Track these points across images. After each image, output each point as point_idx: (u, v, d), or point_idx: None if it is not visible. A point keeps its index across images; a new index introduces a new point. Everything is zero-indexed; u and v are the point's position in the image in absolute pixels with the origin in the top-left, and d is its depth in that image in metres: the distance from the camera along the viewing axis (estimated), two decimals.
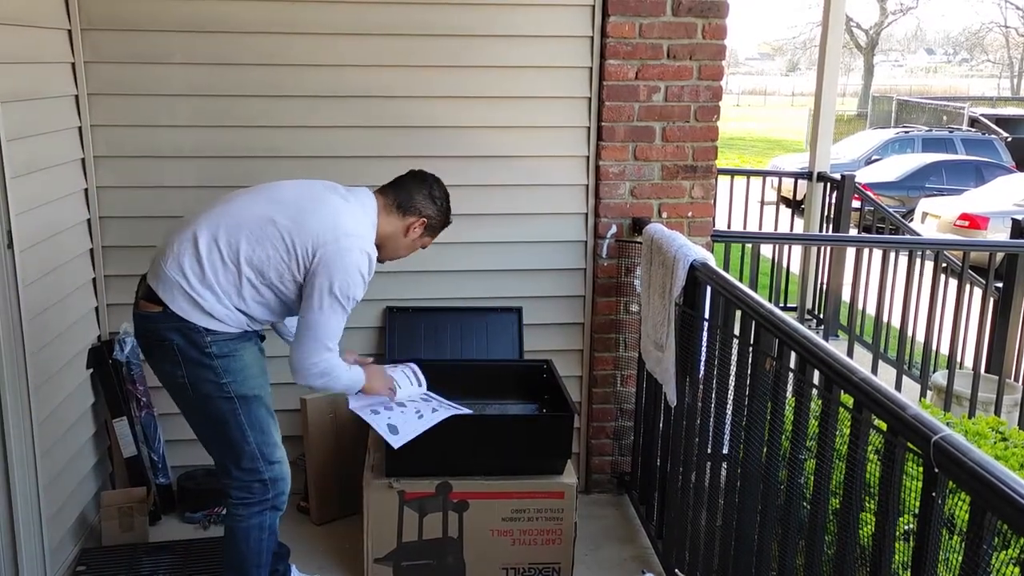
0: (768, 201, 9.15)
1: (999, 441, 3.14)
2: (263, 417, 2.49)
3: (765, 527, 2.21)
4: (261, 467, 2.49)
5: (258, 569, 2.58)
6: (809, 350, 1.97)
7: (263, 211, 2.39)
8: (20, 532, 2.66)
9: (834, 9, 5.94)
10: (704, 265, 2.71)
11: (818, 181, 6.29)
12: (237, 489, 2.52)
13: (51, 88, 2.97)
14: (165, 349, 2.39)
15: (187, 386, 2.42)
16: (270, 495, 2.53)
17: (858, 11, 55.11)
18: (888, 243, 5.88)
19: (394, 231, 2.55)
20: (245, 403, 2.44)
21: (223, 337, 2.40)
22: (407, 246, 2.62)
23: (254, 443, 2.47)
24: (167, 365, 2.42)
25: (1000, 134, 17.20)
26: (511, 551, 2.86)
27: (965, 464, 1.36)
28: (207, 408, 2.45)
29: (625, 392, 3.55)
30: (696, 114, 3.35)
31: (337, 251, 2.35)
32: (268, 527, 2.56)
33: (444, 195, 2.63)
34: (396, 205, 2.54)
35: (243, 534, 2.54)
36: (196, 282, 2.34)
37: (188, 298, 2.35)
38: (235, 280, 2.37)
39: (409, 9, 3.19)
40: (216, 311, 2.36)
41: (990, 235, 10.05)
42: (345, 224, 2.40)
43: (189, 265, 2.35)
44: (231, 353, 2.41)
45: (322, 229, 2.36)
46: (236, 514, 2.53)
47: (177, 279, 2.35)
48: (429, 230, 2.61)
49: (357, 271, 2.37)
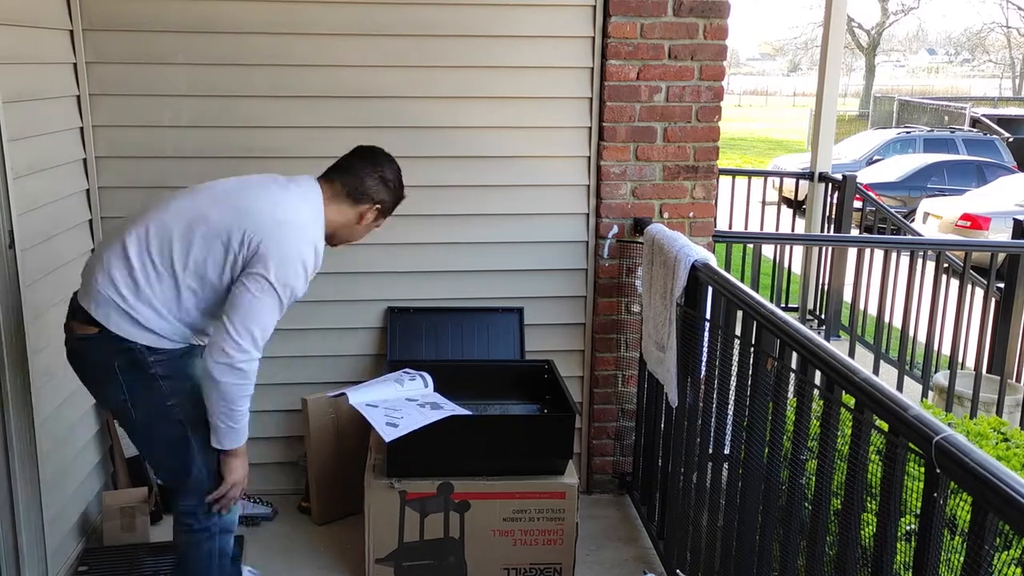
0: (769, 201, 9.14)
1: (1001, 442, 3.14)
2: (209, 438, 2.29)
3: (766, 527, 2.21)
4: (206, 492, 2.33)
5: None
6: (810, 350, 1.97)
7: (195, 210, 2.22)
8: (21, 532, 2.66)
9: (835, 9, 5.94)
10: (705, 265, 2.71)
11: (819, 181, 6.29)
12: (183, 513, 2.37)
13: (53, 88, 2.97)
14: (106, 372, 2.22)
15: (131, 410, 2.27)
16: (214, 519, 2.37)
17: (859, 11, 55.22)
18: (889, 243, 5.87)
19: (346, 220, 2.39)
20: (193, 427, 2.28)
21: (167, 356, 2.24)
22: (362, 232, 2.46)
23: (201, 466, 2.31)
24: (109, 389, 2.26)
25: (1002, 134, 17.19)
26: (512, 551, 2.86)
27: (967, 465, 1.36)
28: (152, 432, 2.30)
29: (626, 392, 3.55)
30: (697, 114, 3.35)
31: (277, 240, 2.17)
32: (219, 551, 2.41)
33: (396, 174, 2.43)
34: (346, 193, 2.36)
35: (195, 562, 2.40)
36: (131, 297, 2.17)
37: (125, 315, 2.18)
38: (173, 288, 2.19)
39: (411, 9, 3.19)
40: (156, 326, 2.20)
41: (992, 235, 10.05)
42: (285, 213, 2.23)
43: (122, 280, 2.17)
44: (176, 373, 2.26)
45: (260, 219, 2.19)
46: (184, 539, 2.40)
47: (111, 296, 2.18)
48: (383, 213, 2.44)
49: (299, 261, 2.19)
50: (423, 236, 3.35)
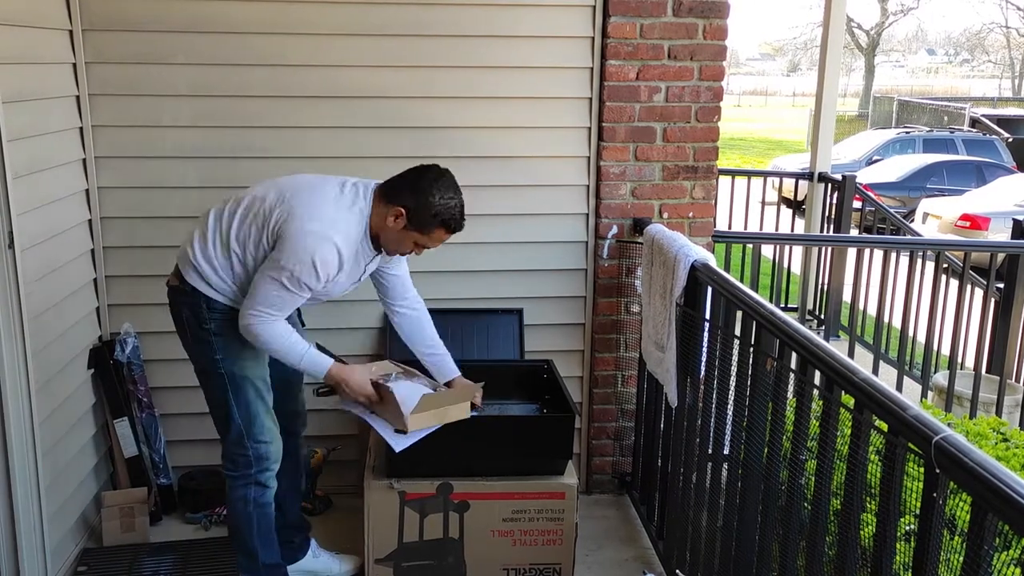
0: (769, 201, 9.14)
1: (1000, 442, 3.14)
2: (251, 398, 2.60)
3: (766, 528, 2.21)
4: (245, 443, 2.62)
5: (252, 538, 2.69)
6: (810, 351, 1.97)
7: (261, 193, 2.51)
8: (21, 532, 2.66)
9: (835, 9, 5.94)
10: (705, 265, 2.71)
11: (819, 181, 6.29)
12: (225, 458, 2.67)
13: (52, 88, 2.97)
14: (179, 320, 2.59)
15: (191, 356, 2.62)
16: (252, 470, 2.64)
17: (859, 11, 55.21)
18: (889, 243, 5.88)
19: (379, 222, 2.48)
20: (234, 381, 2.57)
21: (223, 315, 2.52)
22: (393, 239, 2.50)
23: (239, 420, 2.60)
24: (181, 335, 2.61)
25: (1001, 134, 17.19)
26: (512, 552, 2.86)
27: (966, 465, 1.36)
28: (202, 379, 2.62)
29: (626, 392, 3.55)
30: (697, 114, 3.35)
31: (300, 231, 2.37)
32: (253, 500, 2.66)
33: (436, 189, 2.44)
34: (384, 194, 2.48)
35: (232, 504, 2.70)
36: (199, 254, 2.50)
37: (194, 269, 2.51)
38: (227, 254, 2.50)
39: (410, 9, 3.19)
40: (213, 282, 2.50)
41: (991, 236, 10.05)
42: (320, 210, 2.41)
43: (198, 241, 2.52)
44: (227, 332, 2.53)
45: (297, 209, 2.41)
46: (227, 484, 2.70)
47: (188, 252, 2.53)
48: (412, 223, 2.45)
49: (310, 256, 2.35)
50: None
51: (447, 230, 2.51)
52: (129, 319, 3.29)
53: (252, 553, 2.71)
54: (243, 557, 2.72)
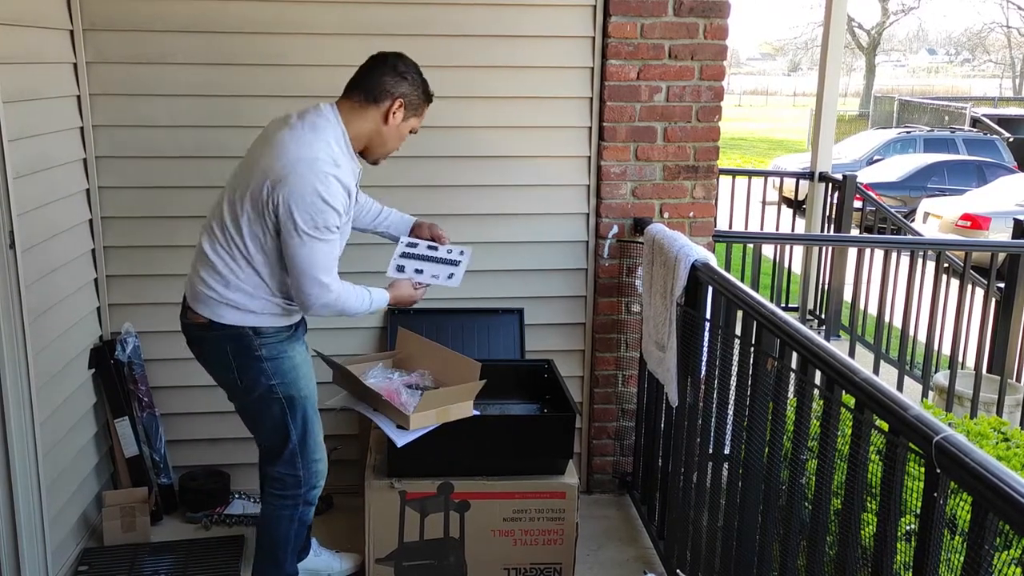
0: (769, 201, 9.13)
1: (1001, 441, 3.14)
2: (309, 417, 2.58)
3: (767, 527, 2.21)
4: (298, 464, 2.59)
5: (286, 555, 2.69)
6: (810, 350, 1.97)
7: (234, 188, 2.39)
8: (22, 532, 2.66)
9: (836, 9, 5.94)
10: (705, 265, 2.71)
11: (820, 181, 6.29)
12: (272, 479, 2.63)
13: (53, 88, 2.97)
14: (219, 356, 2.48)
15: (238, 385, 2.51)
16: (302, 490, 2.63)
17: (860, 11, 55.18)
18: (890, 243, 5.87)
19: (374, 126, 2.41)
20: (292, 404, 2.52)
21: (272, 339, 2.46)
22: (394, 135, 2.45)
23: (295, 442, 2.57)
24: (221, 369, 2.52)
25: (1002, 134, 17.19)
26: (512, 551, 2.86)
27: (967, 464, 1.36)
28: (257, 407, 2.54)
29: (626, 392, 3.55)
30: (697, 114, 3.35)
31: (290, 186, 2.24)
32: (299, 519, 2.66)
33: (411, 67, 2.42)
34: (364, 98, 2.38)
35: (275, 522, 2.65)
36: (222, 289, 2.40)
37: (224, 306, 2.41)
38: (249, 267, 2.38)
39: (411, 9, 3.19)
40: (253, 306, 2.41)
41: (992, 235, 10.04)
42: (290, 154, 2.28)
43: (210, 277, 2.40)
44: (280, 355, 2.48)
45: (268, 169, 2.28)
46: (270, 503, 2.65)
47: (208, 294, 2.41)
48: (410, 109, 2.42)
49: (317, 197, 2.25)
50: None
51: (429, 102, 2.50)
52: (130, 319, 3.29)
53: (280, 564, 2.72)
54: (270, 567, 2.72)
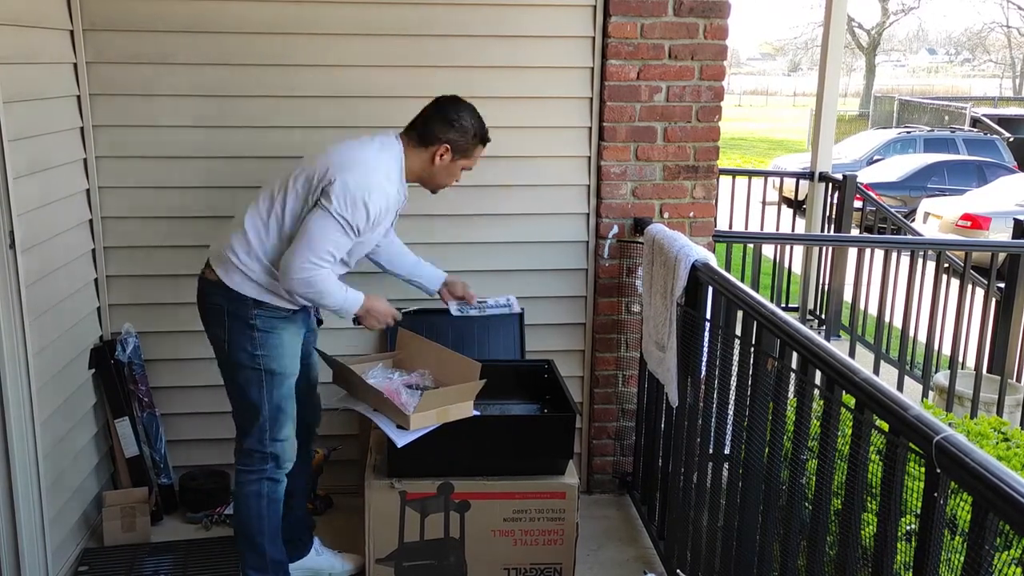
0: (769, 201, 9.13)
1: (1001, 441, 3.14)
2: (284, 395, 2.64)
3: (767, 527, 2.21)
4: (265, 440, 2.64)
5: (261, 535, 2.71)
6: (811, 350, 1.97)
7: (293, 169, 2.57)
8: (22, 532, 2.66)
9: (836, 9, 5.94)
10: (706, 265, 2.71)
11: (820, 181, 6.29)
12: (241, 453, 2.68)
13: (53, 88, 2.97)
14: (218, 314, 2.59)
15: (226, 349, 2.60)
16: (268, 466, 2.67)
17: (860, 11, 55.17)
18: (890, 243, 5.88)
19: (423, 165, 2.63)
20: (270, 377, 2.60)
21: (269, 314, 2.56)
22: (444, 173, 2.67)
23: (266, 416, 2.62)
24: (215, 327, 2.62)
25: (1002, 134, 17.18)
26: (513, 551, 2.86)
27: (967, 464, 1.36)
28: (236, 373, 2.62)
29: (627, 392, 3.55)
30: (698, 114, 3.35)
31: (345, 177, 2.44)
32: (266, 495, 2.69)
33: (462, 114, 2.62)
34: (417, 139, 2.62)
35: (243, 500, 2.70)
36: (244, 255, 2.52)
37: (238, 271, 2.52)
38: (278, 240, 2.51)
39: (411, 9, 3.19)
40: (264, 280, 2.53)
41: (992, 235, 10.04)
42: (359, 156, 2.52)
43: (238, 242, 2.53)
44: (272, 329, 2.58)
45: (333, 159, 2.50)
46: (238, 480, 2.70)
47: (229, 256, 2.53)
48: (458, 152, 2.63)
49: (359, 195, 2.44)
50: (423, 236, 3.34)
51: (483, 144, 2.70)
52: (130, 319, 3.29)
53: (260, 550, 2.72)
54: (250, 554, 2.73)
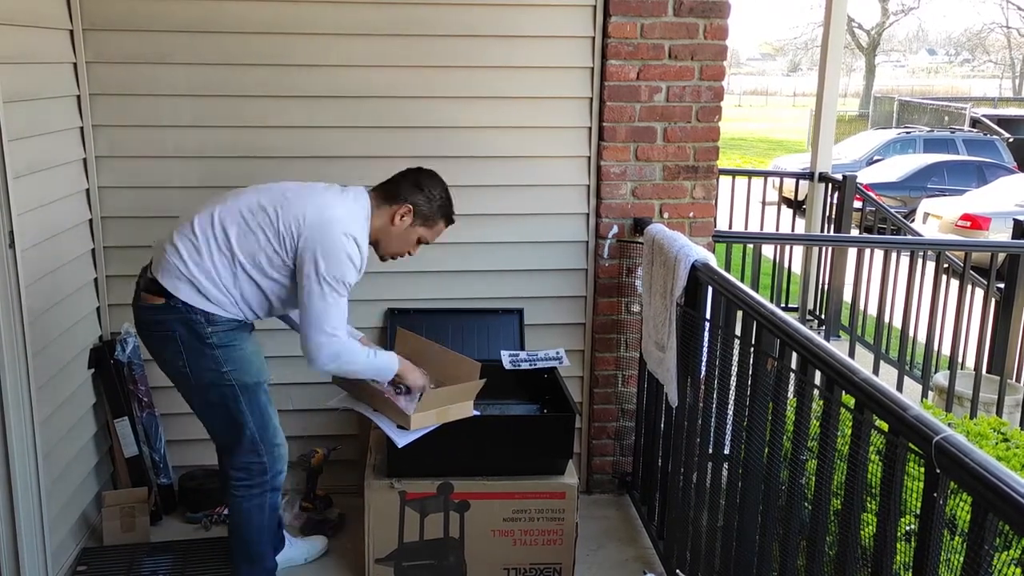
0: (769, 201, 9.13)
1: (1001, 442, 3.14)
2: (263, 403, 2.60)
3: (766, 527, 2.21)
4: (260, 450, 2.61)
5: (260, 545, 2.72)
6: (810, 350, 1.97)
7: (255, 200, 2.49)
8: (21, 532, 2.66)
9: (835, 9, 5.94)
10: (705, 265, 2.71)
11: (820, 181, 6.29)
12: (236, 470, 2.63)
13: (53, 88, 2.97)
14: (168, 339, 2.49)
15: (189, 375, 2.52)
16: (268, 476, 2.65)
17: (860, 11, 55.19)
18: (890, 243, 5.88)
19: (383, 223, 2.58)
20: (245, 390, 2.54)
21: (224, 327, 2.48)
22: (400, 236, 2.61)
23: (253, 427, 2.58)
24: (169, 355, 2.52)
25: (1002, 135, 17.18)
26: (512, 551, 2.86)
27: (967, 465, 1.36)
28: (208, 395, 2.55)
29: (626, 392, 3.55)
30: (697, 114, 3.35)
31: (322, 233, 2.41)
32: (269, 506, 2.68)
33: (434, 184, 2.63)
34: (383, 197, 2.59)
35: (246, 515, 2.66)
36: (194, 267, 2.44)
37: (187, 282, 2.44)
38: (230, 266, 2.45)
39: (410, 9, 3.19)
40: (213, 296, 2.45)
41: (992, 236, 10.04)
42: (331, 209, 2.46)
43: (186, 251, 2.45)
44: (231, 343, 2.50)
45: (308, 211, 2.44)
46: (237, 495, 2.65)
47: (176, 264, 2.44)
48: (419, 217, 2.59)
49: (344, 252, 2.41)
50: None
51: (447, 222, 2.68)
52: (129, 319, 3.27)
53: (258, 559, 2.73)
54: (246, 565, 2.73)
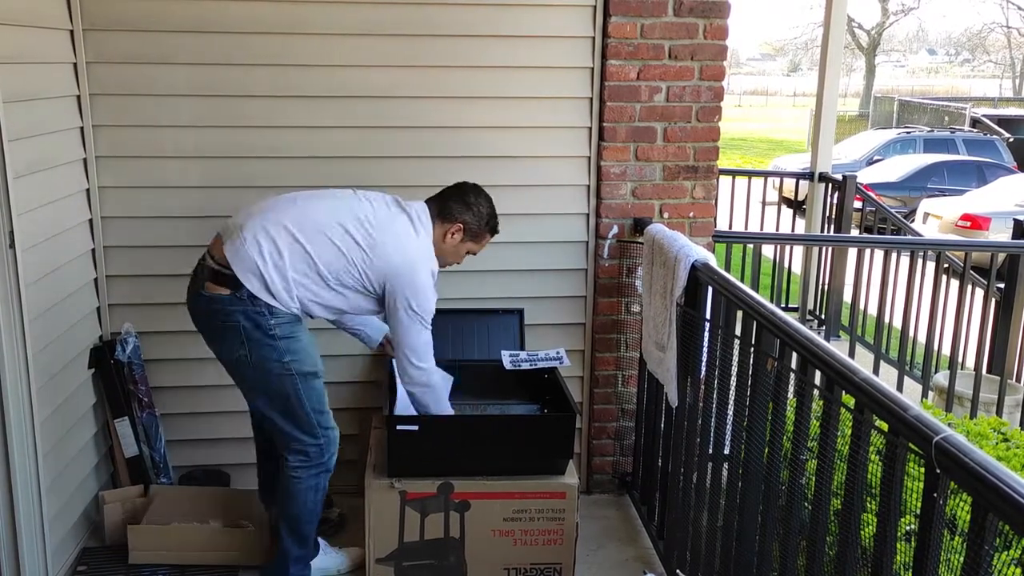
0: (769, 201, 9.13)
1: (1000, 442, 3.14)
2: (319, 389, 2.73)
3: (766, 528, 2.21)
4: (317, 433, 2.73)
5: (310, 525, 2.84)
6: (810, 351, 1.97)
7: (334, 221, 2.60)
8: (22, 532, 2.66)
9: (836, 9, 5.94)
10: (705, 265, 2.71)
11: (820, 181, 6.29)
12: (296, 453, 2.74)
13: (53, 88, 2.97)
14: (230, 329, 2.59)
15: (250, 364, 2.63)
16: (324, 458, 2.77)
17: (860, 11, 55.19)
18: (890, 243, 5.88)
19: (437, 240, 2.74)
20: (304, 379, 2.67)
21: (284, 320, 2.60)
22: (451, 252, 2.79)
23: (311, 412, 2.70)
24: (233, 345, 2.62)
25: (1002, 135, 17.19)
26: (512, 551, 2.86)
27: (967, 465, 1.36)
28: (269, 383, 2.66)
29: (626, 392, 3.55)
30: (697, 114, 3.35)
31: (411, 276, 2.62)
32: (321, 488, 2.81)
33: (481, 201, 2.79)
34: (436, 214, 2.74)
35: (301, 495, 2.76)
36: (272, 267, 2.55)
37: (260, 278, 2.54)
38: (310, 275, 2.58)
39: (411, 10, 3.19)
40: (280, 295, 2.57)
41: (992, 236, 10.05)
42: (414, 251, 2.65)
43: (268, 250, 2.55)
44: (292, 335, 2.63)
45: (394, 256, 2.61)
46: (294, 476, 2.76)
47: (255, 259, 2.54)
48: (468, 234, 2.78)
49: (428, 289, 2.64)
50: None
51: (492, 234, 2.86)
52: (129, 319, 3.29)
53: (307, 539, 2.84)
54: (296, 546, 2.82)
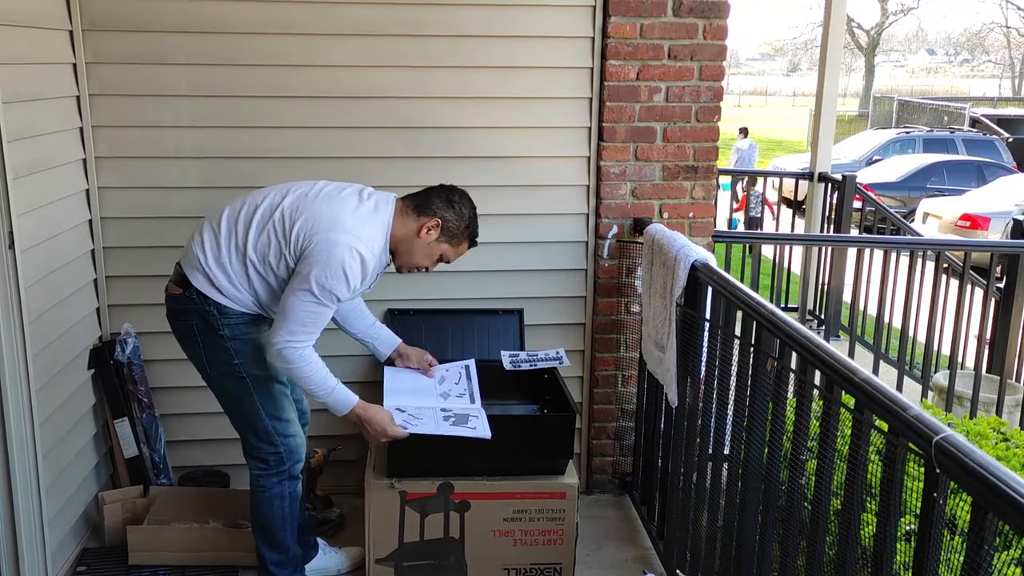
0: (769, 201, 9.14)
1: (1000, 442, 3.14)
2: (276, 395, 2.64)
3: (766, 528, 2.21)
4: (276, 440, 2.65)
5: (283, 532, 2.76)
6: (810, 351, 1.97)
7: (279, 200, 2.52)
8: (21, 532, 2.66)
9: (835, 9, 5.94)
10: (705, 265, 2.71)
11: (819, 181, 6.29)
12: (255, 460, 2.69)
13: (52, 89, 2.97)
14: (187, 330, 2.57)
15: (205, 364, 2.60)
16: (286, 466, 2.69)
17: (859, 11, 55.18)
18: (889, 243, 5.87)
19: (407, 232, 2.55)
20: (257, 382, 2.60)
21: (236, 320, 2.54)
22: (422, 250, 2.58)
23: (267, 419, 2.63)
24: (188, 343, 2.61)
25: (1001, 134, 17.20)
26: (512, 551, 2.86)
27: (966, 465, 1.36)
28: (223, 385, 2.62)
29: (626, 392, 3.55)
30: (697, 114, 3.35)
31: (326, 243, 2.40)
32: (288, 495, 2.72)
33: (464, 204, 2.62)
34: (413, 207, 2.58)
35: (267, 503, 2.71)
36: (211, 260, 2.51)
37: (203, 274, 2.51)
38: (242, 261, 2.50)
39: (410, 9, 3.19)
40: (225, 289, 2.51)
41: (991, 235, 10.05)
42: (344, 220, 2.45)
43: (208, 243, 2.52)
44: (243, 336, 2.56)
45: (320, 220, 2.44)
46: (258, 484, 2.70)
47: (198, 255, 2.52)
48: (445, 234, 2.58)
49: (340, 267, 2.39)
50: None
51: (470, 244, 2.69)
52: (129, 319, 3.29)
53: (283, 546, 2.77)
54: (272, 552, 2.77)
